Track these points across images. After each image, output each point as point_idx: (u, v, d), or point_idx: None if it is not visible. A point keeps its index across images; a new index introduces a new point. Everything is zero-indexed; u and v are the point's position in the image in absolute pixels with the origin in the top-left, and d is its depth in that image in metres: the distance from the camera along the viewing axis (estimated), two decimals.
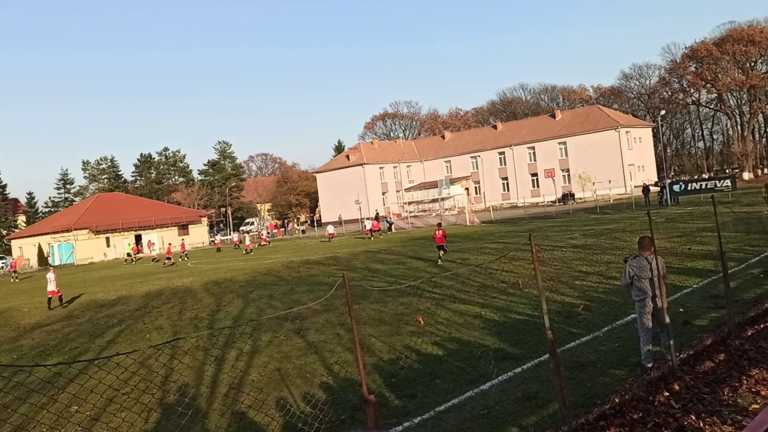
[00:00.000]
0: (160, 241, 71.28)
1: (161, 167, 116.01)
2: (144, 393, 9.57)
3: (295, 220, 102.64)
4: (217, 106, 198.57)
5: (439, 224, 28.01)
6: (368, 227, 51.53)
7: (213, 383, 10.30)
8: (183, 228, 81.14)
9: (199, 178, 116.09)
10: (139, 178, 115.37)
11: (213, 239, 77.33)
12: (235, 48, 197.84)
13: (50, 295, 24.52)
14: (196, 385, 10.24)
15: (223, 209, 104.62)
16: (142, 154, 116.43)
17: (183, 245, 57.02)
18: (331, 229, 55.94)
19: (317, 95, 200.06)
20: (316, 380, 9.90)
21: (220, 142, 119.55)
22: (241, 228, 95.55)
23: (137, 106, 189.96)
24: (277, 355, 11.83)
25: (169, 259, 45.70)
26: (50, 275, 24.84)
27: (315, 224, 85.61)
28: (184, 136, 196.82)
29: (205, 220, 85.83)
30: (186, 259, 50.72)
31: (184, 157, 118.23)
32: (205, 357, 12.13)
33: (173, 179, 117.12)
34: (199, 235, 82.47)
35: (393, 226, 58.41)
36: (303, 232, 77.26)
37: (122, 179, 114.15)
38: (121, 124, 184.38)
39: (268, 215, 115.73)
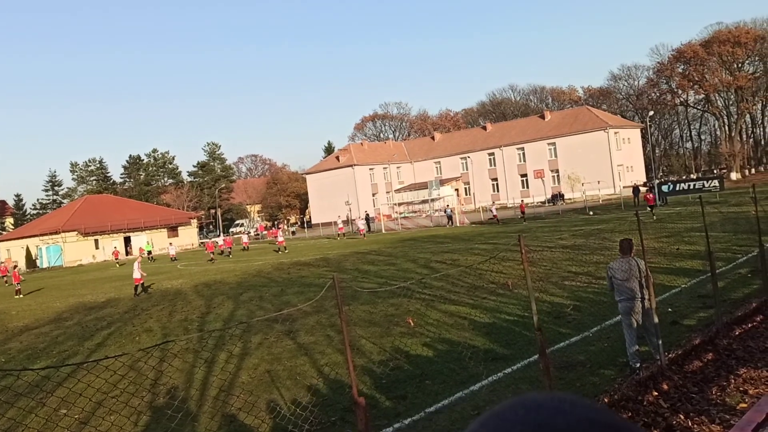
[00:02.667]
0: (147, 242, 70.76)
1: (150, 169, 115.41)
2: (133, 396, 9.52)
3: (286, 222, 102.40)
4: (207, 107, 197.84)
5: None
6: (361, 227, 51.43)
7: (203, 386, 10.27)
8: (172, 229, 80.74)
9: (189, 179, 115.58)
10: (128, 180, 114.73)
11: (204, 240, 77.00)
12: (224, 48, 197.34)
13: (136, 283, 25.75)
14: (186, 387, 10.20)
15: (212, 211, 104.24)
16: (131, 155, 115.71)
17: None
18: (361, 224, 54.06)
19: (307, 96, 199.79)
20: (306, 382, 9.89)
21: (209, 143, 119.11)
22: (230, 230, 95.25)
23: (126, 107, 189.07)
24: (268, 356, 11.81)
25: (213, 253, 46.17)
26: (135, 264, 26.20)
27: (305, 226, 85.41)
28: (174, 138, 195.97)
29: (194, 222, 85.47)
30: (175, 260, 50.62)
31: (173, 158, 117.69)
32: (195, 359, 12.08)
33: (162, 181, 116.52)
34: (188, 236, 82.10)
35: (371, 225, 58.93)
36: (293, 233, 77.09)
37: (111, 181, 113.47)
38: (109, 125, 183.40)
39: (258, 217, 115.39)
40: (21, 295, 32.40)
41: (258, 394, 9.51)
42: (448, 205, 60.60)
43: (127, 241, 75.98)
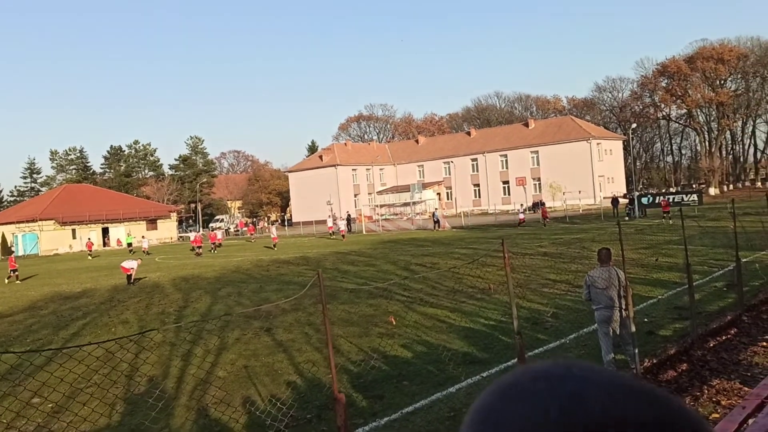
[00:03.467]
0: (128, 234, 70.00)
1: (131, 160, 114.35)
2: (110, 387, 9.45)
3: (266, 219, 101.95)
4: (191, 101, 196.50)
5: None
6: (342, 227, 50.86)
7: (180, 379, 10.21)
8: (152, 222, 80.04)
9: (170, 172, 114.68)
10: (108, 171, 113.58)
11: (185, 235, 76.40)
12: (211, 43, 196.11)
13: (126, 273, 26.10)
14: (163, 380, 10.13)
15: (193, 205, 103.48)
16: (112, 146, 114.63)
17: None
18: (342, 225, 52.59)
19: (292, 95, 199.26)
20: (283, 378, 9.87)
21: (192, 137, 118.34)
22: (210, 225, 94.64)
23: (108, 97, 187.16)
24: (245, 352, 11.77)
25: (200, 247, 44.35)
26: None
27: (286, 224, 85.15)
28: (156, 130, 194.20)
29: (174, 216, 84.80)
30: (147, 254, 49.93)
31: (154, 151, 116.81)
32: (172, 352, 12.01)
33: (143, 173, 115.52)
34: (167, 230, 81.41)
35: (351, 226, 58.76)
36: None
37: (91, 171, 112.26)
38: (91, 115, 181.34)
39: (239, 213, 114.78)
40: (18, 281, 32.02)
41: (235, 389, 9.48)
42: (436, 209, 60.69)
43: (105, 232, 75.16)
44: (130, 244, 58.01)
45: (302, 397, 8.83)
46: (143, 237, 61.81)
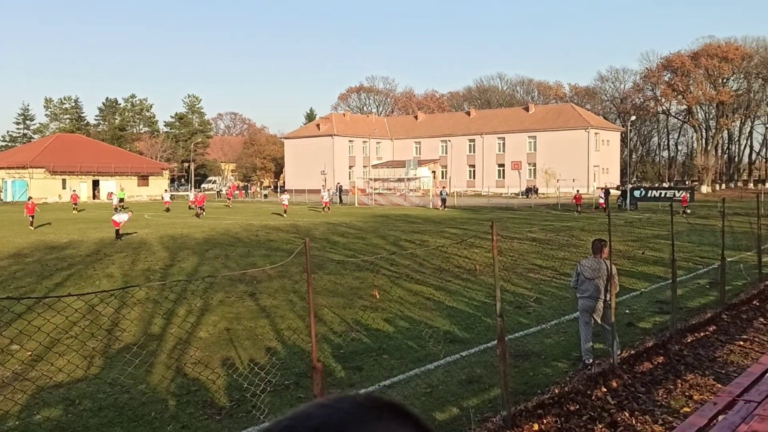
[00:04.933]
0: (120, 189, 69.60)
1: (126, 114, 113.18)
2: (88, 339, 9.47)
3: (259, 184, 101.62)
4: (191, 59, 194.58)
5: None
6: (326, 198, 48.93)
7: (161, 336, 10.25)
8: (143, 178, 79.64)
9: (165, 129, 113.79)
10: (102, 123, 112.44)
11: (180, 193, 76.00)
12: (215, 5, 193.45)
13: (116, 226, 26.05)
14: (144, 336, 10.17)
15: (186, 164, 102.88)
16: (107, 98, 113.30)
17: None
18: (326, 196, 49.77)
19: (294, 61, 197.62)
20: (264, 344, 9.92)
21: (189, 96, 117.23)
22: (202, 185, 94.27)
23: (107, 48, 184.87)
24: (228, 315, 11.81)
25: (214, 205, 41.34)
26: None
27: (278, 190, 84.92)
28: (154, 86, 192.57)
29: (166, 173, 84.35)
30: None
31: (151, 106, 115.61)
32: (155, 310, 12.03)
33: (137, 128, 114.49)
34: (159, 187, 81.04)
35: (343, 197, 58.44)
36: (265, 196, 76.62)
37: (85, 121, 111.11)
38: (88, 65, 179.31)
39: (232, 176, 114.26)
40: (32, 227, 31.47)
41: (215, 350, 9.53)
42: (444, 187, 60.44)
43: (96, 184, 74.71)
44: (122, 200, 57.19)
45: (282, 363, 8.88)
46: (165, 190, 60.10)
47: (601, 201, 45.78)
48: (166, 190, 58.58)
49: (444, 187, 60.97)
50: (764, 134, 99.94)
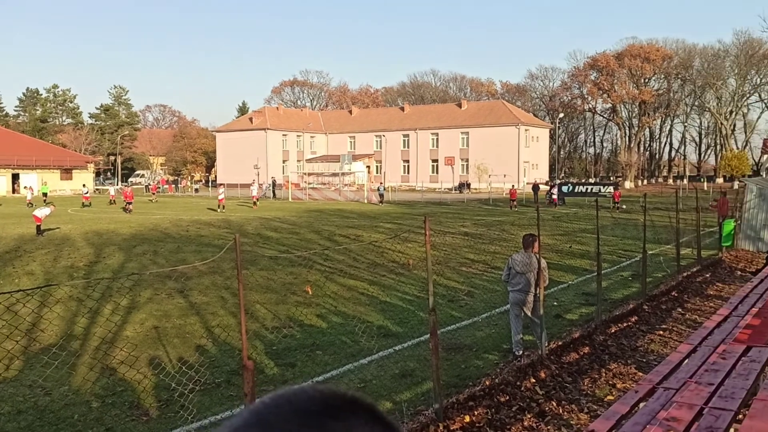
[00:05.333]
0: (43, 183, 66.54)
1: (48, 105, 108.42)
2: (2, 341, 9.02)
3: (189, 178, 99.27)
4: (116, 49, 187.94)
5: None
6: (255, 193, 46.92)
7: (84, 336, 9.87)
8: (67, 172, 76.50)
9: (90, 121, 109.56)
10: (22, 114, 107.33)
11: (98, 189, 73.26)
12: None
13: (37, 222, 24.92)
14: (66, 336, 9.78)
15: (112, 157, 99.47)
16: (28, 88, 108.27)
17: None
18: (254, 191, 47.91)
19: (226, 53, 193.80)
20: (194, 341, 9.71)
21: (115, 87, 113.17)
22: (129, 179, 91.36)
23: (26, 35, 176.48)
24: (156, 312, 11.49)
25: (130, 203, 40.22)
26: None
27: (209, 184, 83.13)
28: (77, 76, 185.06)
29: (91, 167, 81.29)
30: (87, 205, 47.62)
31: (74, 97, 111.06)
32: (79, 308, 11.58)
33: (60, 120, 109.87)
34: (83, 181, 78.08)
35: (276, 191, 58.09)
36: (196, 191, 74.96)
37: (3, 112, 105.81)
38: (6, 52, 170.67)
39: (161, 169, 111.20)
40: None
41: (142, 349, 9.25)
42: (381, 183, 60.46)
43: (15, 178, 71.31)
44: (45, 194, 54.65)
45: (212, 361, 8.71)
46: (26, 187, 56.58)
47: (554, 197, 45.76)
48: (84, 185, 55.59)
49: (381, 183, 61.18)
50: (683, 132, 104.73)
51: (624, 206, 38.56)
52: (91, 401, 7.30)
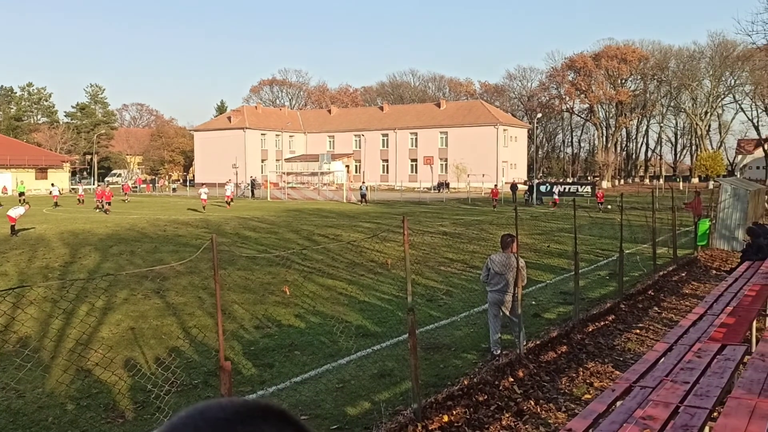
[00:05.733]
0: (15, 182, 65.41)
1: (23, 103, 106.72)
2: None
3: (167, 177, 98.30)
4: (93, 47, 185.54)
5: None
6: (229, 193, 45.43)
7: (59, 337, 9.72)
8: (42, 171, 75.40)
9: (65, 120, 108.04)
10: None
11: (74, 188, 72.13)
12: None
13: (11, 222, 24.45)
14: (40, 337, 9.63)
15: (88, 157, 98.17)
16: (2, 86, 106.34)
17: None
18: (228, 190, 46.91)
19: (204, 51, 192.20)
20: (171, 342, 9.60)
21: (91, 85, 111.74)
22: (106, 179, 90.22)
23: (1, 33, 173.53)
24: (133, 313, 11.35)
25: (109, 204, 39.19)
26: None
27: (187, 183, 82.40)
28: (53, 74, 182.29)
29: (67, 166, 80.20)
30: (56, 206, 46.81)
31: (50, 95, 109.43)
32: (53, 309, 11.41)
33: (35, 118, 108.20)
34: (59, 180, 76.82)
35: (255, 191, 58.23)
36: (174, 190, 74.29)
37: None
38: None
39: (138, 169, 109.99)
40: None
41: (118, 350, 9.13)
42: (364, 182, 60.29)
43: None
44: (22, 194, 53.24)
45: (189, 362, 8.63)
46: (53, 184, 55.31)
47: (556, 197, 44.86)
48: (53, 184, 54.16)
49: (363, 182, 61.11)
50: (659, 133, 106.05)
51: (609, 206, 38.78)
52: (66, 403, 7.18)
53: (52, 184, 54.36)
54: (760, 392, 4.56)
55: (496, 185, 48.86)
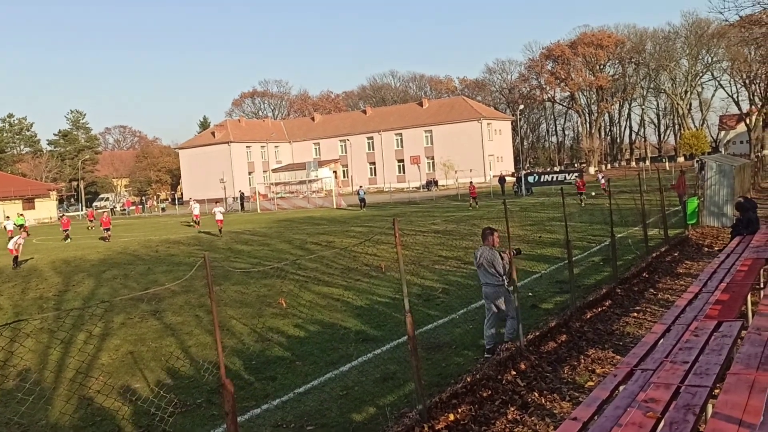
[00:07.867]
0: (2, 214, 64.83)
1: (4, 135, 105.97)
2: None
3: (155, 198, 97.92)
4: (71, 74, 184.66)
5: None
6: (219, 217, 35.09)
7: (59, 367, 9.66)
8: (29, 201, 74.88)
9: (49, 148, 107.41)
10: None
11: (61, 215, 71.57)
12: (92, 8, 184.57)
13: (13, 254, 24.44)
14: (40, 369, 9.57)
15: (75, 183, 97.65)
16: None
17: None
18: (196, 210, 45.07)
19: (182, 69, 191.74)
20: (171, 363, 9.56)
21: (72, 111, 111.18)
22: (94, 204, 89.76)
23: None
24: (131, 337, 11.30)
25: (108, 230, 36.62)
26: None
27: (176, 202, 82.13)
28: (33, 103, 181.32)
29: (54, 194, 79.73)
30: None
31: (31, 125, 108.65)
32: (51, 340, 11.34)
33: (18, 149, 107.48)
34: (47, 209, 76.50)
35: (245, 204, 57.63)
36: (163, 210, 74.03)
37: None
38: None
39: (126, 191, 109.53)
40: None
41: (119, 376, 9.09)
42: (360, 186, 60.22)
43: None
44: (21, 226, 51.08)
45: (191, 382, 8.60)
46: (7, 217, 53.56)
47: (602, 182, 42.01)
48: (7, 217, 50.85)
49: (361, 186, 61.04)
50: (641, 115, 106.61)
51: (593, 193, 38.81)
52: None
53: (7, 217, 51.49)
54: (758, 366, 4.61)
55: (471, 182, 46.90)
